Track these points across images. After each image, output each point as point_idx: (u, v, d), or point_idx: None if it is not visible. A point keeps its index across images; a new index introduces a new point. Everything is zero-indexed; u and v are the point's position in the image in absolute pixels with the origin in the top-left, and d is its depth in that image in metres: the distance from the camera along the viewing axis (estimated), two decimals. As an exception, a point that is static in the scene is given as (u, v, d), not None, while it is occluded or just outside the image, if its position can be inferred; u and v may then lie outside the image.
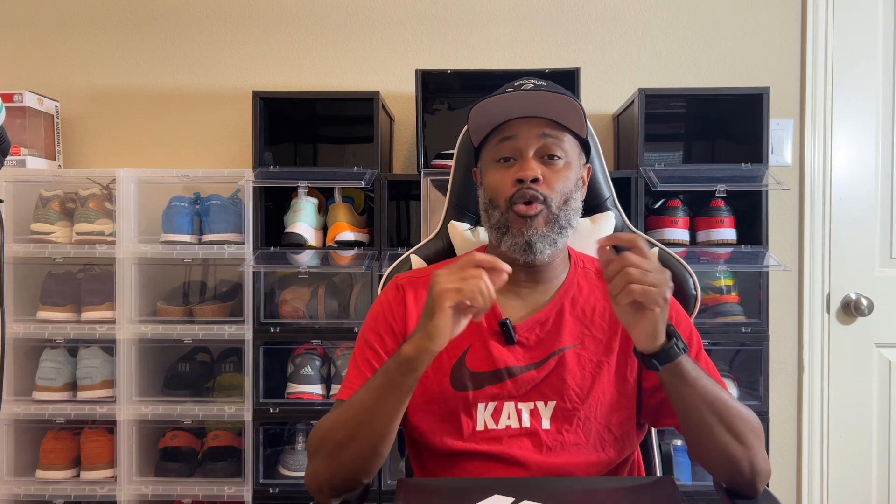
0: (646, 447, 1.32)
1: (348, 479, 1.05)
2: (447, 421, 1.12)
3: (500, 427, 1.11)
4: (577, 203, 1.17)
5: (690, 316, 1.25)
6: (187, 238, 2.03)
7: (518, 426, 1.11)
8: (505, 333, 1.14)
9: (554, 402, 1.11)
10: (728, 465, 1.03)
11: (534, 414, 1.11)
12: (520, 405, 1.12)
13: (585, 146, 1.21)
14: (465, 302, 0.94)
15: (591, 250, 1.31)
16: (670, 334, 0.98)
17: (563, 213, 1.14)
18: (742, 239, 2.01)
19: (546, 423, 1.11)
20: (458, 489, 1.01)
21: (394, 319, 1.17)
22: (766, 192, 1.98)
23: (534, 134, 1.13)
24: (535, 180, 1.11)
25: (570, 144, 1.16)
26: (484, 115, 1.16)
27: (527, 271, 1.18)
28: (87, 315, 2.04)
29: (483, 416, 1.11)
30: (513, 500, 0.93)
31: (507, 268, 0.96)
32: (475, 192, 1.41)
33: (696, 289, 1.30)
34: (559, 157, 1.14)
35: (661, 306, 0.95)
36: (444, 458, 1.13)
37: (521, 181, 1.11)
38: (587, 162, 1.24)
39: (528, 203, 1.11)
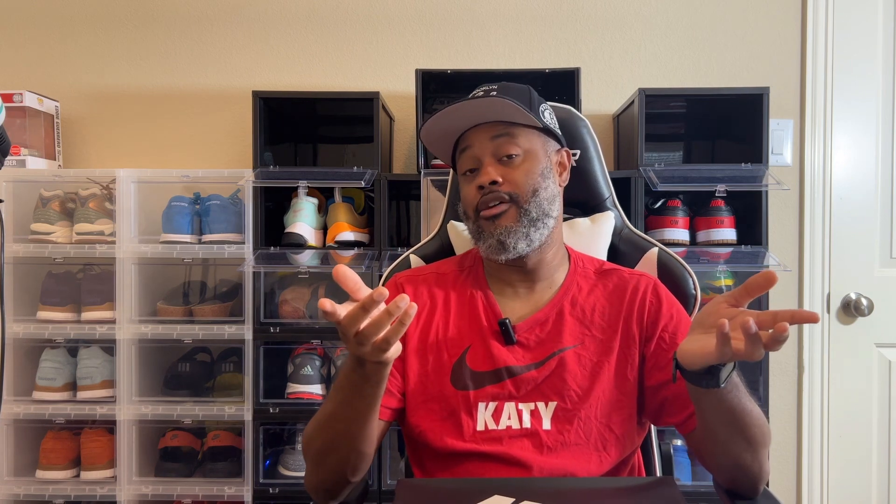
0: (646, 447, 1.33)
1: (338, 481, 1.06)
2: (447, 420, 1.12)
3: (500, 427, 1.11)
4: (551, 190, 1.16)
5: (690, 316, 1.25)
6: (187, 238, 2.03)
7: (518, 426, 1.11)
8: (504, 333, 1.14)
9: (555, 403, 1.11)
10: (736, 469, 1.03)
11: (534, 414, 1.11)
12: (520, 406, 1.12)
13: (551, 133, 1.20)
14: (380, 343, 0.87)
15: (590, 250, 1.32)
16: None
17: (534, 204, 1.14)
18: (742, 239, 2.01)
19: (546, 424, 1.11)
20: (458, 489, 1.01)
21: None
22: (766, 192, 1.98)
23: (485, 138, 1.15)
24: (493, 183, 1.13)
25: (526, 137, 1.16)
26: (437, 135, 1.19)
27: (518, 271, 1.18)
28: (87, 315, 2.04)
29: (483, 416, 1.11)
30: (513, 500, 0.92)
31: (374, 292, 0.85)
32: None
33: (695, 289, 1.30)
34: (516, 155, 1.15)
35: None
36: (445, 459, 1.13)
37: (481, 188, 1.14)
38: (562, 146, 1.23)
39: (492, 206, 1.14)
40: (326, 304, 0.84)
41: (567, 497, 0.96)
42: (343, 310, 0.85)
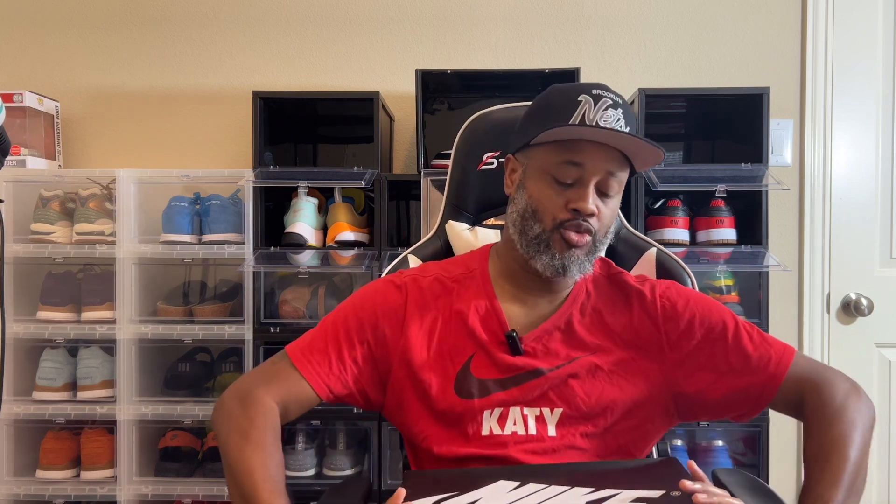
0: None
1: None
2: (452, 428, 1.10)
3: (505, 433, 1.08)
4: (612, 235, 1.17)
5: None
6: (187, 238, 2.03)
7: (524, 433, 1.08)
8: (511, 346, 1.10)
9: (560, 410, 1.09)
10: None
11: (539, 420, 1.09)
12: (525, 411, 1.09)
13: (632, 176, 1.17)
14: None
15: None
16: None
17: (603, 242, 1.12)
18: (742, 239, 2.01)
19: (552, 430, 1.08)
20: (463, 477, 0.99)
21: (384, 317, 1.13)
22: (766, 192, 1.98)
23: (601, 168, 1.07)
24: (590, 214, 1.07)
25: (624, 180, 1.12)
26: (563, 133, 1.06)
27: (543, 283, 1.14)
28: (87, 315, 2.04)
29: (489, 421, 1.09)
30: (517, 483, 0.92)
31: None
32: (473, 191, 1.41)
33: (694, 289, 1.30)
34: (614, 196, 1.11)
35: None
36: (447, 464, 1.11)
37: (576, 210, 1.06)
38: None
39: (580, 233, 1.08)
40: None
41: (572, 480, 0.95)
42: None
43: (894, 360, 2.25)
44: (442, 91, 2.22)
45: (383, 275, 1.30)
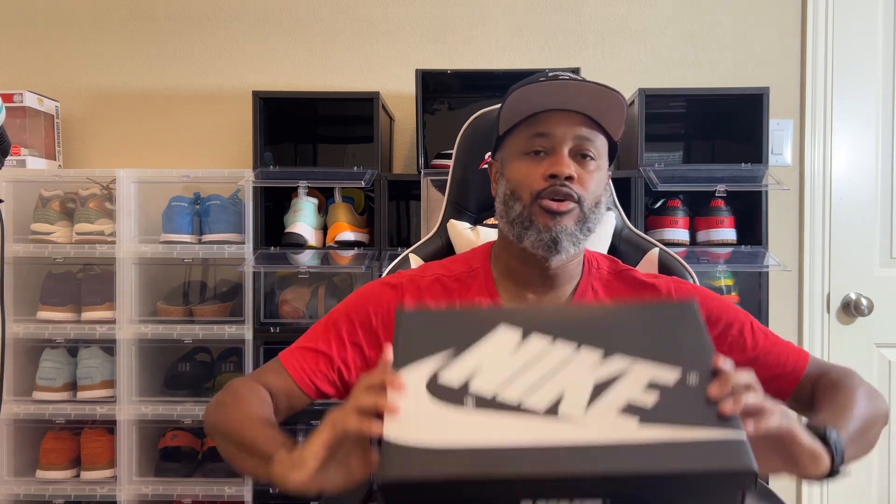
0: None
1: None
2: None
3: None
4: (604, 208, 1.12)
5: None
6: (187, 238, 2.03)
7: None
8: None
9: None
10: None
11: None
12: None
13: (612, 151, 1.13)
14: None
15: (596, 248, 1.31)
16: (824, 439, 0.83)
17: (594, 215, 1.08)
18: (742, 239, 2.01)
19: None
20: (460, 326, 0.88)
21: (377, 319, 1.11)
22: (766, 192, 1.98)
23: (569, 133, 1.06)
24: (569, 178, 1.04)
25: (601, 146, 1.10)
26: (519, 102, 1.08)
27: (541, 275, 1.11)
28: (87, 315, 2.04)
29: None
30: (521, 332, 0.85)
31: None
32: (475, 190, 1.41)
33: (696, 289, 1.30)
34: (592, 159, 1.08)
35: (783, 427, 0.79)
36: None
37: (553, 176, 1.05)
38: (609, 166, 1.16)
39: (560, 200, 1.05)
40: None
41: (577, 333, 0.86)
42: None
43: (894, 360, 2.26)
44: (442, 91, 2.23)
45: (384, 274, 1.30)
